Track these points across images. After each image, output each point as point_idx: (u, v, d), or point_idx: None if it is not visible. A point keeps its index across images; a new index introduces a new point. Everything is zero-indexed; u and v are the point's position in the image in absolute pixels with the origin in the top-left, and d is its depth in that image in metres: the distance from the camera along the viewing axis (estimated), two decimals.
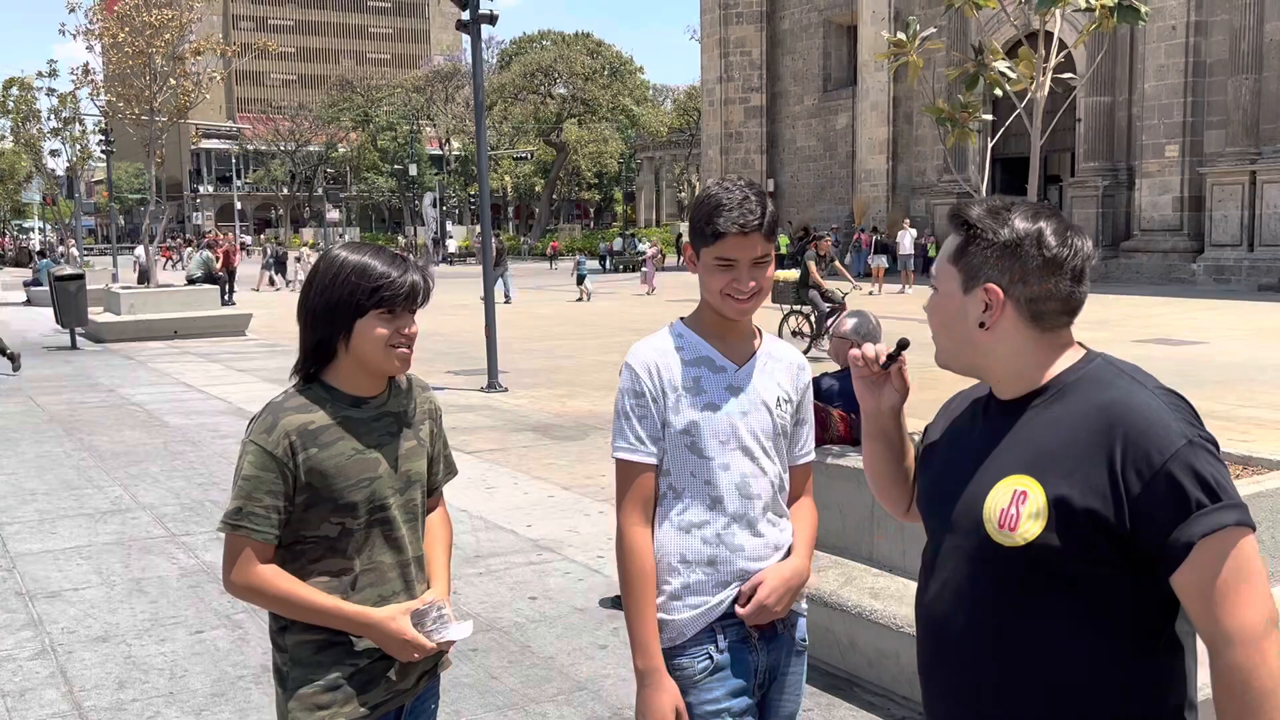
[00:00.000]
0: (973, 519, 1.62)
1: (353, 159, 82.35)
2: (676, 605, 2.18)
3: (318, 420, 2.08)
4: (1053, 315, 1.63)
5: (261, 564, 2.05)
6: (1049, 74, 4.29)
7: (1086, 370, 1.63)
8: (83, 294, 17.62)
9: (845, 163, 39.12)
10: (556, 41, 69.76)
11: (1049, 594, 1.56)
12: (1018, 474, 1.59)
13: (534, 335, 18.61)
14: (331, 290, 2.08)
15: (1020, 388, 1.66)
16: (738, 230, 2.10)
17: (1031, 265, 1.61)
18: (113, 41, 19.70)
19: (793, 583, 2.22)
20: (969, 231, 1.65)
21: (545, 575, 5.81)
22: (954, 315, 1.67)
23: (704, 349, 2.22)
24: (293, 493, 2.06)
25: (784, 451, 2.28)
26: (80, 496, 7.57)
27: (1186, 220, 27.43)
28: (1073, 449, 1.55)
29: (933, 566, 1.73)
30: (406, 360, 2.14)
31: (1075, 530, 1.52)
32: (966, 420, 1.78)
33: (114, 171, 38.32)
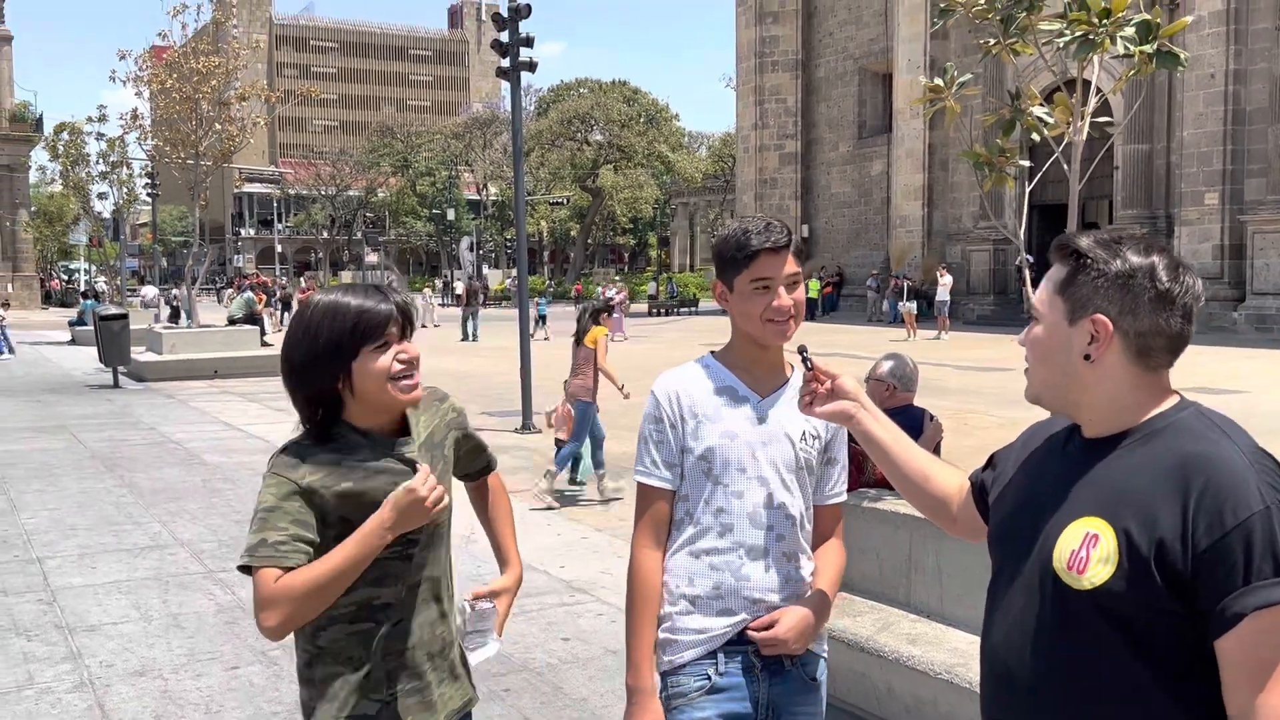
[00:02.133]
0: (1043, 559, 1.60)
1: (392, 203, 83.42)
2: (681, 627, 2.21)
3: (341, 453, 2.06)
4: (1159, 353, 1.59)
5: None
6: (1087, 119, 4.30)
7: (1178, 418, 1.59)
8: (126, 333, 17.92)
9: (880, 209, 39.15)
10: (593, 89, 70.58)
11: (1114, 640, 1.53)
12: (1091, 516, 1.55)
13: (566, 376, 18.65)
14: (309, 339, 2.03)
15: (1110, 427, 1.62)
16: (770, 246, 2.15)
17: (1143, 299, 1.56)
18: (161, 88, 20.20)
19: (811, 622, 2.21)
20: (1078, 261, 1.61)
21: (578, 616, 5.79)
22: (1057, 347, 1.63)
23: (729, 379, 2.25)
24: (319, 524, 2.01)
25: (807, 487, 2.28)
26: (120, 532, 7.65)
27: (1227, 268, 27.14)
28: (1148, 496, 1.51)
29: (1000, 605, 1.70)
30: (412, 390, 2.08)
31: (1142, 577, 1.49)
32: (1043, 455, 1.75)
33: (158, 214, 39.10)
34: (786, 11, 41.65)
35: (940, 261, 33.08)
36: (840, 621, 4.41)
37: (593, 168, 67.20)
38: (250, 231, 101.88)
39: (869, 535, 4.61)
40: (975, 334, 29.22)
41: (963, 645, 4.02)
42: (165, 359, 18.82)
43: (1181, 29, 3.98)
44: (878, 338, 26.82)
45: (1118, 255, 1.59)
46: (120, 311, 19.03)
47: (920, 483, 2.00)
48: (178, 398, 16.15)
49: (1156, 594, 1.48)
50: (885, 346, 16.21)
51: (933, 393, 11.69)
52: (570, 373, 8.94)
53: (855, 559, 4.72)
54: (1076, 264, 1.61)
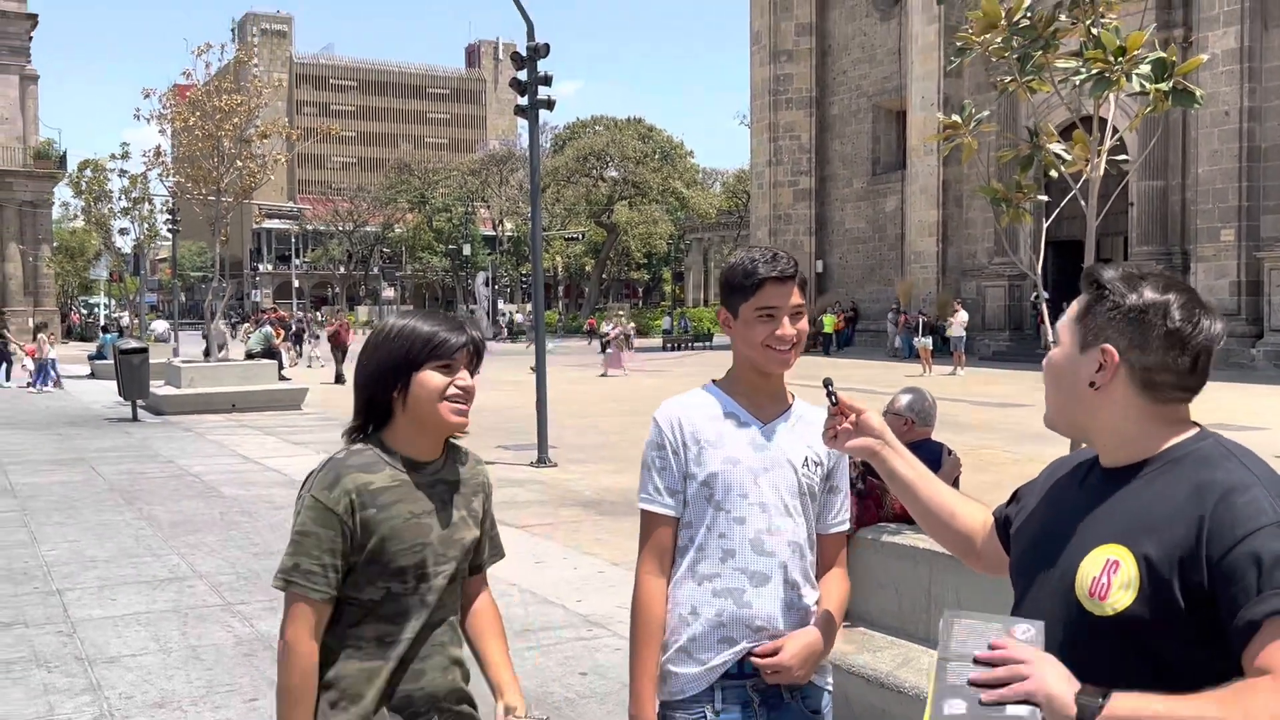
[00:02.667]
0: (1065, 586, 1.62)
1: (408, 239, 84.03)
2: (682, 658, 2.22)
3: (377, 481, 2.08)
4: (1166, 388, 1.62)
5: (313, 632, 2.03)
6: (1104, 155, 4.34)
7: (1196, 448, 1.62)
8: (145, 367, 18.06)
9: (895, 245, 39.23)
10: (609, 126, 71.14)
11: (1138, 665, 1.54)
12: (1111, 543, 1.58)
13: (580, 411, 18.69)
14: (384, 349, 2.12)
15: (1125, 456, 1.65)
16: (777, 275, 2.19)
17: (1152, 335, 1.60)
18: (184, 125, 20.49)
19: (816, 649, 2.21)
20: (1098, 292, 1.66)
21: (595, 651, 5.78)
22: (1066, 372, 1.69)
23: (731, 406, 2.27)
24: (349, 551, 2.04)
25: (810, 513, 2.29)
26: (139, 564, 7.69)
27: (1244, 304, 27.05)
28: (1168, 522, 1.54)
29: None
30: (463, 415, 2.13)
31: (1163, 601, 1.51)
32: (1064, 487, 1.78)
33: (177, 249, 39.52)
34: (800, 50, 42.01)
35: (955, 297, 33.07)
36: (860, 657, 4.39)
37: (608, 203, 67.61)
38: (268, 266, 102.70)
39: (888, 570, 4.60)
40: (991, 369, 29.13)
41: None
42: (184, 392, 18.94)
43: (1196, 67, 4.02)
44: (893, 373, 26.78)
45: (1135, 290, 1.62)
46: (140, 345, 19.19)
47: (946, 519, 2.01)
48: (195, 431, 16.24)
49: (1178, 617, 1.50)
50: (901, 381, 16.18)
51: (949, 428, 11.65)
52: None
53: (874, 593, 4.71)
54: (1096, 294, 1.66)
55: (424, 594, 2.11)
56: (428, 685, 2.13)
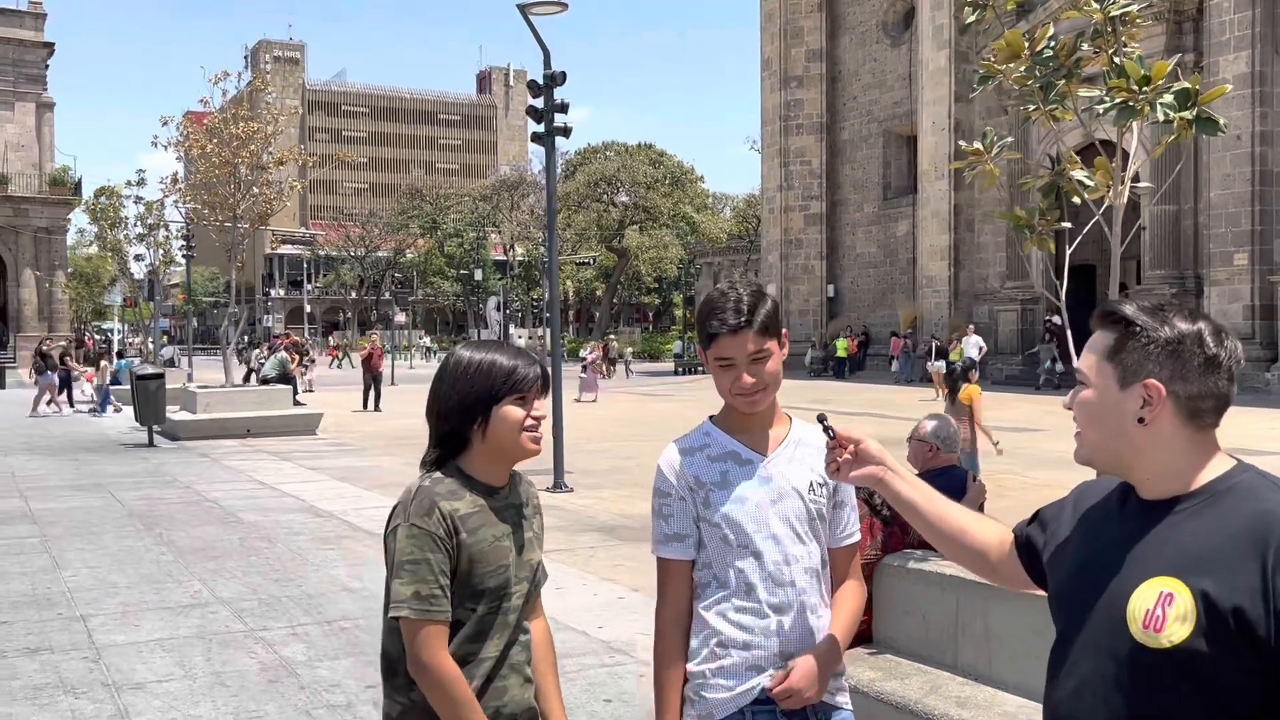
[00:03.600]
0: (1114, 619, 1.62)
1: (420, 264, 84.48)
2: (710, 685, 2.26)
3: (463, 507, 2.17)
4: (1208, 414, 1.65)
5: (446, 649, 2.10)
6: (1127, 183, 4.37)
7: (1241, 479, 1.64)
8: (162, 393, 18.15)
9: (906, 269, 39.25)
10: (620, 152, 71.56)
11: (1193, 697, 1.55)
12: (1164, 576, 1.59)
13: (595, 436, 18.71)
14: (465, 384, 2.20)
15: (1169, 488, 1.66)
16: (727, 330, 2.22)
17: (1193, 364, 1.63)
18: (201, 152, 20.68)
19: (822, 665, 2.24)
20: (1127, 328, 1.68)
21: (619, 678, 5.78)
22: (1109, 411, 1.69)
23: (730, 444, 2.31)
24: (452, 574, 2.13)
25: (822, 535, 2.33)
26: (161, 590, 7.72)
27: (1259, 329, 26.97)
28: (1224, 555, 1.55)
29: (1067, 665, 1.72)
30: (538, 442, 2.25)
31: (1222, 635, 1.52)
32: (1100, 516, 1.79)
33: (191, 275, 39.76)
34: (811, 76, 42.21)
35: (967, 321, 33.06)
36: (887, 684, 4.39)
37: (618, 228, 67.90)
38: (280, 292, 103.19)
39: (914, 597, 4.60)
40: (1004, 394, 29.07)
41: (1012, 709, 3.99)
42: (199, 418, 19.02)
43: (1220, 96, 4.06)
44: (906, 397, 26.75)
45: (1166, 323, 1.65)
46: (157, 371, 19.28)
47: (957, 537, 2.04)
48: (212, 456, 16.30)
49: (1237, 652, 1.51)
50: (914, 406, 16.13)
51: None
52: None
53: (901, 620, 4.71)
54: (1125, 331, 1.67)
55: (505, 614, 2.20)
56: (509, 703, 2.21)
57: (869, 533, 4.65)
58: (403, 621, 2.11)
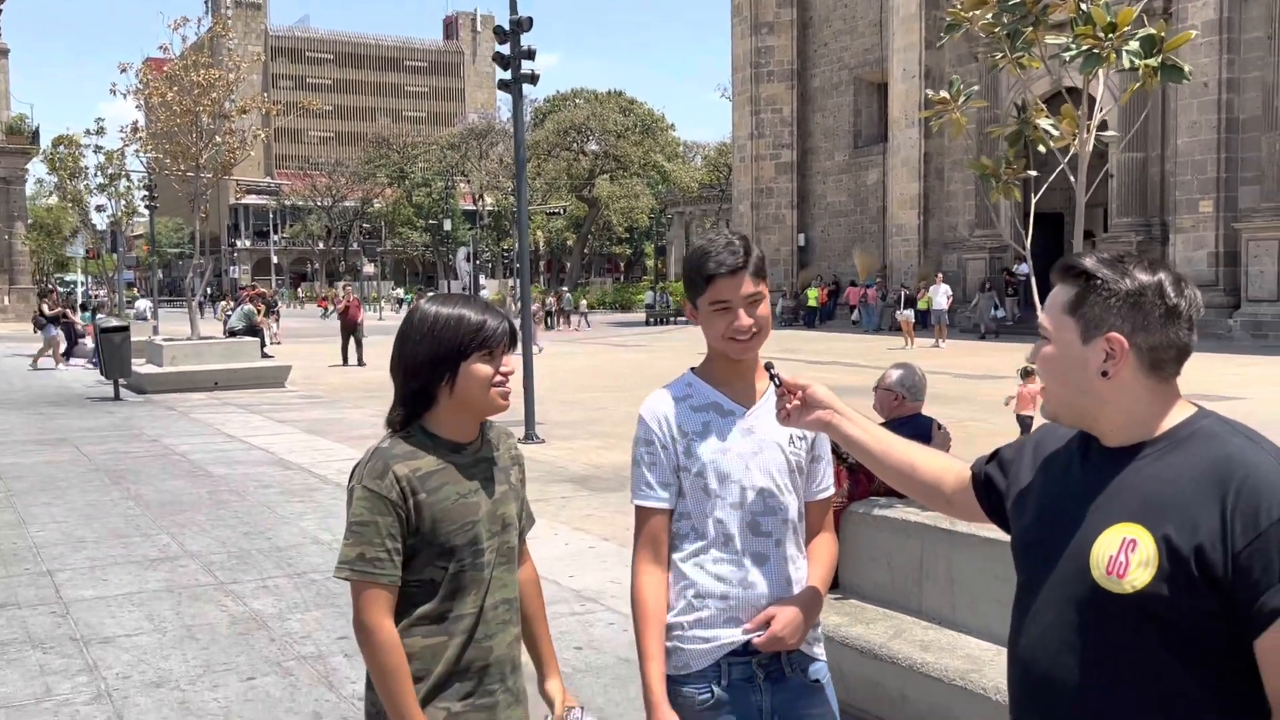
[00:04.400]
0: (1078, 566, 1.64)
1: (388, 214, 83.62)
2: (688, 636, 2.28)
3: (424, 466, 2.15)
4: (1170, 364, 1.66)
5: (389, 613, 2.11)
6: (1093, 131, 4.37)
7: (1202, 425, 1.65)
8: (127, 346, 17.94)
9: (876, 218, 39.30)
10: (589, 100, 70.83)
11: (1156, 641, 1.57)
12: (1127, 522, 1.60)
13: (567, 387, 18.72)
14: (432, 340, 2.17)
15: (1131, 436, 1.68)
16: (726, 271, 2.23)
17: (1154, 315, 1.63)
18: (162, 100, 20.26)
19: (805, 615, 2.28)
20: (1087, 282, 1.67)
21: (590, 626, 5.84)
22: (1073, 365, 1.69)
23: (712, 395, 2.32)
24: (406, 535, 2.12)
25: (800, 488, 2.35)
26: (129, 544, 7.68)
27: (1222, 275, 27.27)
28: (1185, 499, 1.57)
29: (1031, 611, 1.74)
30: (507, 398, 2.23)
31: (1184, 578, 1.54)
32: (1063, 464, 1.79)
33: (155, 226, 39.13)
34: (781, 22, 41.84)
35: (936, 270, 33.21)
36: (853, 629, 4.45)
37: (589, 178, 67.40)
38: (246, 243, 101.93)
39: (880, 543, 4.66)
40: (972, 341, 29.31)
41: (976, 651, 4.06)
42: (165, 371, 18.84)
43: (1185, 43, 4.05)
44: (875, 346, 26.92)
45: (1126, 274, 1.65)
46: (121, 324, 19.05)
47: (908, 473, 2.08)
48: (179, 409, 16.18)
49: (1197, 595, 1.53)
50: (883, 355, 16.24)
51: (933, 401, 11.73)
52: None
53: (866, 567, 4.77)
54: (1086, 284, 1.67)
55: (480, 569, 2.21)
56: (492, 658, 2.23)
57: (837, 481, 4.69)
58: (351, 584, 2.11)
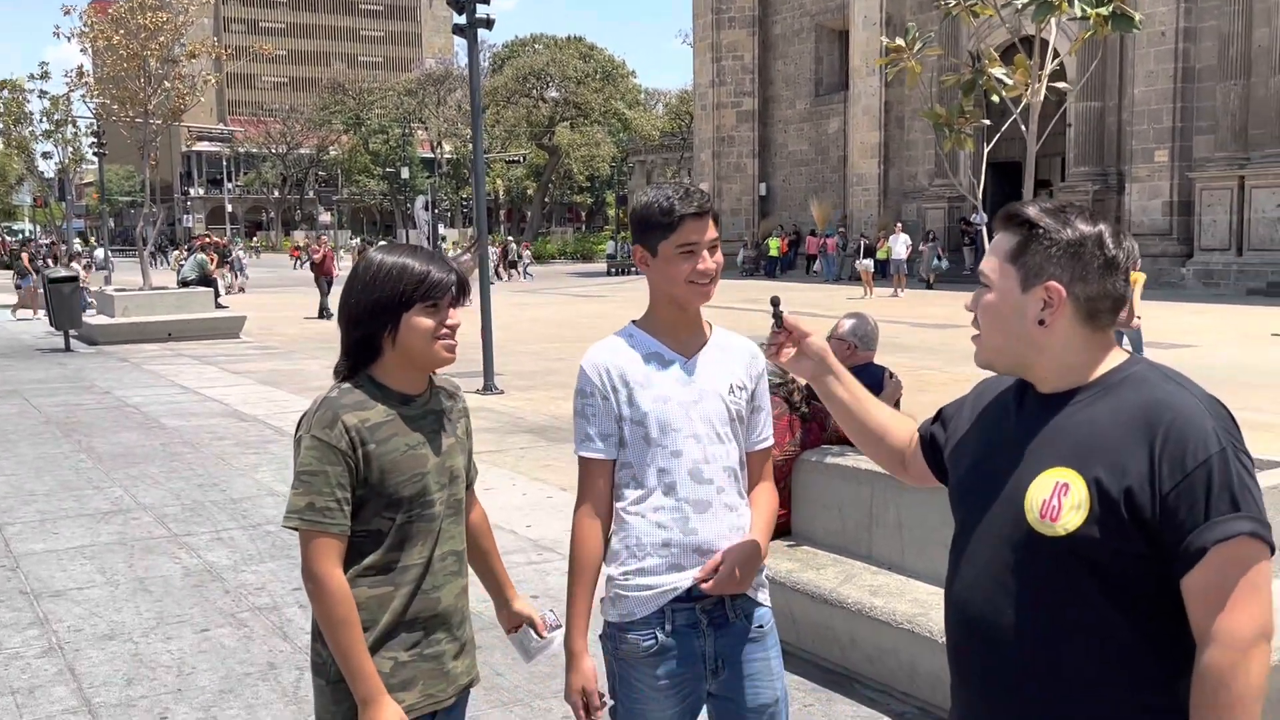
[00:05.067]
0: (1013, 509, 1.67)
1: (344, 162, 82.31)
2: (631, 584, 2.31)
3: (373, 416, 2.14)
4: (1105, 314, 1.69)
5: (338, 562, 2.10)
6: (1045, 81, 4.37)
7: (1134, 371, 1.68)
8: (76, 296, 17.62)
9: (837, 167, 39.27)
10: (549, 45, 69.86)
11: (1086, 582, 1.61)
12: (1059, 466, 1.63)
13: (526, 337, 18.66)
14: (374, 289, 2.15)
15: (1065, 383, 1.70)
16: (694, 211, 2.24)
17: (1092, 265, 1.65)
18: (107, 44, 19.70)
19: (750, 555, 2.31)
20: (1030, 230, 1.68)
21: (546, 575, 5.87)
22: (1010, 313, 1.71)
23: (654, 345, 2.34)
24: (355, 485, 2.11)
25: (740, 437, 2.38)
26: (81, 497, 7.60)
27: (1176, 224, 27.62)
28: (1115, 443, 1.60)
29: (967, 555, 1.77)
30: (452, 350, 2.21)
31: (1114, 521, 1.57)
32: (998, 411, 1.82)
33: (104, 174, 38.26)
34: None
35: (896, 219, 33.33)
36: (804, 575, 4.51)
37: (549, 125, 66.68)
38: (199, 191, 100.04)
39: (831, 491, 4.71)
40: (931, 290, 29.54)
41: (923, 596, 4.14)
42: (118, 322, 18.53)
43: None
44: (835, 296, 27.04)
45: (1068, 224, 1.67)
46: (70, 274, 18.68)
47: (880, 437, 2.10)
48: (131, 361, 15.95)
49: (1127, 537, 1.57)
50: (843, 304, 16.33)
51: (890, 350, 11.84)
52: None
53: (818, 514, 4.83)
54: (1028, 233, 1.68)
55: (428, 520, 2.21)
56: (440, 609, 2.24)
57: (788, 429, 4.73)
58: (299, 533, 2.10)
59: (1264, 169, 25.61)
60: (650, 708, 2.32)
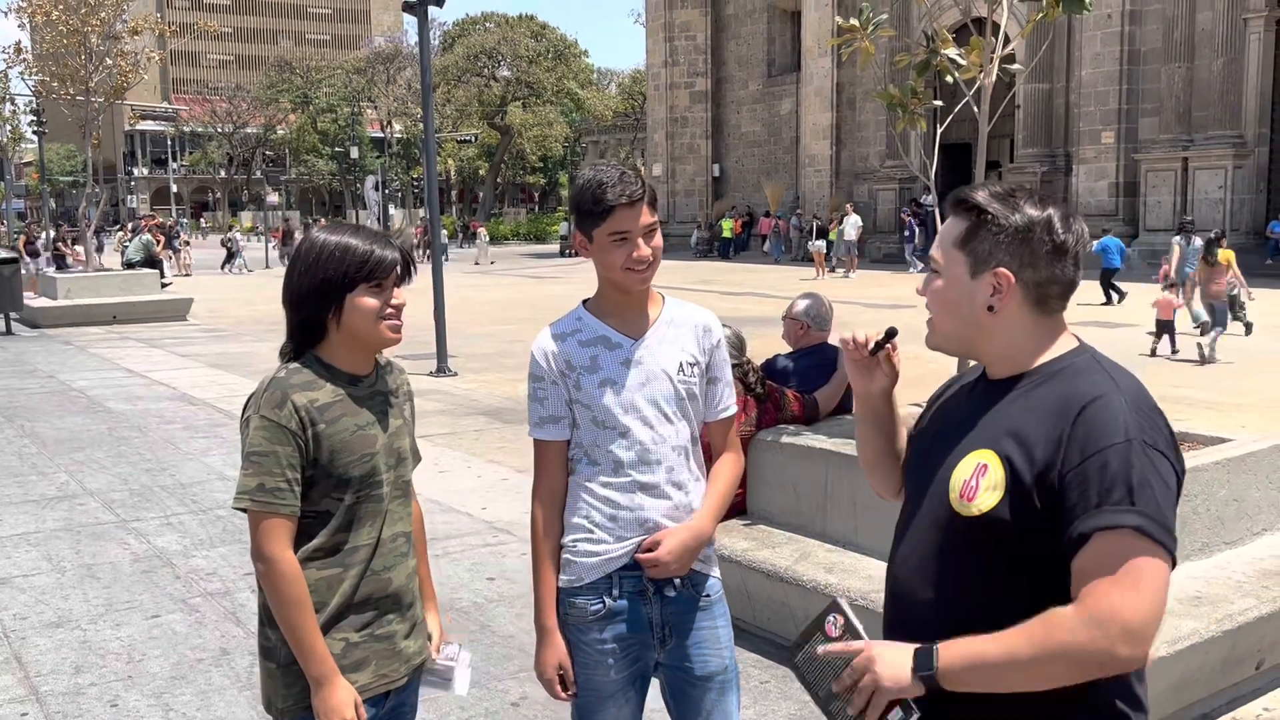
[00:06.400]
0: (941, 489, 1.71)
1: (292, 141, 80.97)
2: (579, 550, 2.34)
3: (322, 397, 2.12)
4: (1055, 299, 1.70)
5: (289, 543, 2.08)
6: (996, 62, 4.41)
7: (1074, 361, 1.69)
8: (17, 278, 17.23)
9: (790, 148, 39.38)
10: (500, 24, 69.14)
11: (999, 563, 1.64)
12: (983, 448, 1.66)
13: (480, 319, 18.56)
14: (317, 269, 2.12)
15: (1011, 368, 1.72)
16: (627, 200, 2.23)
17: (1041, 251, 1.66)
18: (46, 19, 19.18)
19: (689, 542, 2.32)
20: (979, 216, 1.69)
21: (502, 556, 5.86)
22: (960, 298, 1.71)
23: (601, 329, 2.35)
24: (304, 466, 2.10)
25: (691, 414, 2.39)
26: (25, 483, 7.45)
27: (1122, 205, 28.05)
28: (1032, 429, 1.62)
29: (904, 533, 1.81)
30: (398, 330, 2.18)
31: (1025, 503, 1.59)
32: (956, 398, 1.86)
33: (45, 153, 37.36)
34: None
35: (848, 200, 33.51)
36: (760, 553, 4.55)
37: (501, 105, 66.08)
38: (144, 171, 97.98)
39: (787, 470, 4.74)
40: (882, 272, 29.77)
41: (877, 573, 4.18)
42: (60, 304, 18.14)
43: None
44: (789, 277, 27.18)
45: (1016, 209, 1.67)
46: (9, 255, 18.24)
47: (890, 464, 2.03)
48: (75, 344, 15.63)
49: (1035, 518, 1.59)
50: (796, 286, 16.41)
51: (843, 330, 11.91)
52: (1203, 283, 13.97)
53: (775, 493, 4.86)
54: (977, 219, 1.69)
55: (376, 501, 2.19)
56: (391, 589, 2.22)
57: (743, 410, 4.74)
58: (249, 514, 2.08)
59: (1206, 150, 26.07)
60: (597, 673, 2.35)
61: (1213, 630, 3.61)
